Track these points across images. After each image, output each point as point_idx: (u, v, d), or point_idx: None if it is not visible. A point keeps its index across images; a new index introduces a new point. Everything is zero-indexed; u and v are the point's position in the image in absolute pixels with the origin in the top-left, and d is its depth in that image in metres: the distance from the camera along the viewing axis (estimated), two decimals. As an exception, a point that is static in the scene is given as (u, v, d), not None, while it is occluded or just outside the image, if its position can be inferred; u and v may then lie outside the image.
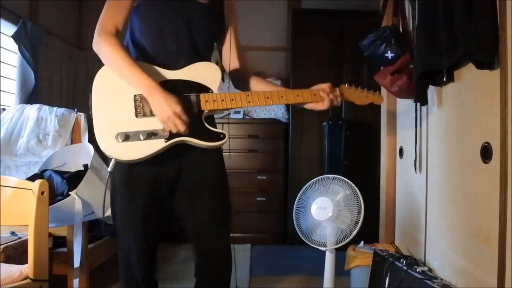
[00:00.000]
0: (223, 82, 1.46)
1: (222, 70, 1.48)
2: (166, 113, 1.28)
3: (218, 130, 1.38)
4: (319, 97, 1.46)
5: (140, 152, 1.30)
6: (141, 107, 1.33)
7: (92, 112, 1.32)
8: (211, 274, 1.50)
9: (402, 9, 2.40)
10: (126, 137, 1.29)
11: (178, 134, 1.32)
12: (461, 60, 1.68)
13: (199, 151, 1.41)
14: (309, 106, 1.49)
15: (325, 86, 1.48)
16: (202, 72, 1.41)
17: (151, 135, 1.31)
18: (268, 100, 1.44)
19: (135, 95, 1.34)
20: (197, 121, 1.36)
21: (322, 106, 1.47)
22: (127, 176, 1.38)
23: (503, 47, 1.41)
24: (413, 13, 2.12)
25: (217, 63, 1.48)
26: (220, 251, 1.49)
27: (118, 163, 1.33)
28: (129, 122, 1.31)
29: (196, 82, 1.40)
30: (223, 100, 1.39)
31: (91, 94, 1.34)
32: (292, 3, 4.27)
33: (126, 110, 1.33)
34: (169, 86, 1.34)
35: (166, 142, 1.32)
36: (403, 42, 2.23)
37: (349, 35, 3.73)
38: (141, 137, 1.30)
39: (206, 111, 1.38)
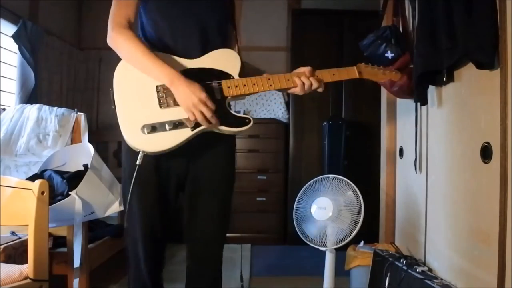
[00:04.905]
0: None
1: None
2: (191, 102, 1.27)
3: (243, 115, 1.38)
4: (293, 82, 1.43)
5: (167, 142, 1.30)
6: (164, 98, 1.32)
7: (115, 106, 1.32)
8: (201, 278, 1.51)
9: (402, 9, 2.40)
10: (153, 128, 1.29)
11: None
12: (461, 60, 1.68)
13: (209, 149, 1.41)
14: (290, 90, 1.46)
15: (305, 69, 1.46)
16: (221, 59, 1.40)
17: (177, 125, 1.30)
18: (289, 83, 1.43)
19: (157, 86, 1.33)
20: (222, 107, 1.35)
21: (298, 90, 1.44)
22: (140, 171, 1.37)
23: (503, 47, 1.41)
24: (413, 13, 2.12)
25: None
26: (210, 255, 1.50)
27: (131, 154, 1.33)
28: (154, 114, 1.31)
29: (217, 69, 1.39)
30: (245, 85, 1.39)
31: (112, 88, 1.33)
32: (292, 3, 4.27)
33: (150, 102, 1.32)
34: (190, 75, 1.34)
35: (192, 131, 1.31)
36: (403, 42, 2.23)
37: (349, 35, 3.73)
38: (167, 128, 1.30)
39: (229, 97, 1.38)
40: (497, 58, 1.44)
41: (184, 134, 1.31)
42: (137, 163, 1.29)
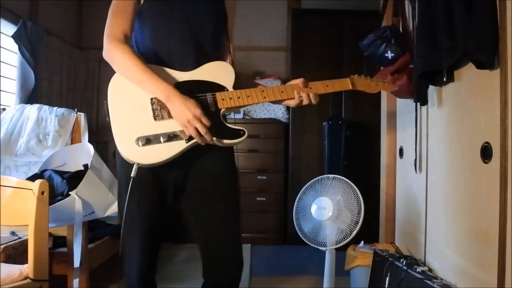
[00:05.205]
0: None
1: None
2: (186, 117, 1.27)
3: (237, 127, 1.38)
4: (287, 94, 1.44)
5: (161, 155, 1.30)
6: (159, 110, 1.33)
7: (110, 118, 1.32)
8: (219, 276, 1.50)
9: (402, 9, 2.40)
10: (147, 141, 1.29)
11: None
12: (461, 60, 1.68)
13: (208, 152, 1.41)
14: (284, 102, 1.47)
15: (298, 81, 1.46)
16: (215, 71, 1.41)
17: (171, 137, 1.31)
18: (283, 94, 1.45)
19: (151, 99, 1.33)
20: (216, 120, 1.36)
21: (292, 103, 1.45)
22: (137, 175, 1.37)
23: (503, 47, 1.41)
24: (413, 13, 2.12)
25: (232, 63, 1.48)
26: (227, 254, 1.49)
27: (125, 164, 1.33)
28: (149, 126, 1.31)
29: (211, 82, 1.39)
30: (239, 97, 1.39)
31: (106, 101, 1.33)
32: (292, 3, 4.28)
33: (144, 114, 1.32)
34: (184, 88, 1.34)
35: (187, 143, 1.32)
36: (403, 42, 2.23)
37: (349, 35, 3.73)
38: (162, 140, 1.30)
39: (223, 110, 1.38)
40: (497, 58, 1.44)
41: (178, 146, 1.31)
42: (132, 175, 1.29)
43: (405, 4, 2.38)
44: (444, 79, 1.82)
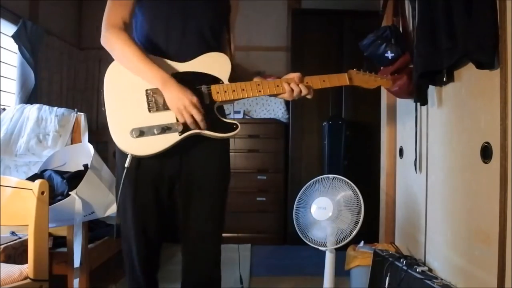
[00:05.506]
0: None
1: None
2: (182, 104, 1.28)
3: (231, 120, 1.38)
4: (282, 88, 1.45)
5: (155, 146, 1.31)
6: (154, 102, 1.34)
7: (105, 108, 1.33)
8: (196, 278, 1.50)
9: (402, 9, 2.40)
10: (141, 132, 1.30)
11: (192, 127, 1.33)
12: (461, 60, 1.68)
13: (202, 149, 1.41)
14: (280, 96, 1.48)
15: (294, 76, 1.46)
16: (211, 63, 1.41)
17: (165, 129, 1.32)
18: (278, 89, 1.45)
19: (146, 90, 1.34)
20: (210, 112, 1.36)
21: (286, 96, 1.46)
22: (132, 171, 1.38)
23: (503, 47, 1.41)
24: (413, 13, 2.12)
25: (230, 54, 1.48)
26: (206, 256, 1.50)
27: (123, 156, 1.33)
28: (143, 117, 1.32)
29: (207, 74, 1.39)
30: (234, 90, 1.40)
31: (102, 90, 1.34)
32: (292, 3, 4.27)
33: (139, 105, 1.33)
34: (180, 79, 1.34)
35: (180, 135, 1.32)
36: (403, 42, 2.23)
37: (349, 35, 3.73)
38: (155, 132, 1.31)
39: (218, 102, 1.39)
40: (497, 58, 1.44)
41: (171, 138, 1.32)
42: (126, 165, 1.31)
43: (405, 4, 2.38)
44: (444, 79, 1.82)
